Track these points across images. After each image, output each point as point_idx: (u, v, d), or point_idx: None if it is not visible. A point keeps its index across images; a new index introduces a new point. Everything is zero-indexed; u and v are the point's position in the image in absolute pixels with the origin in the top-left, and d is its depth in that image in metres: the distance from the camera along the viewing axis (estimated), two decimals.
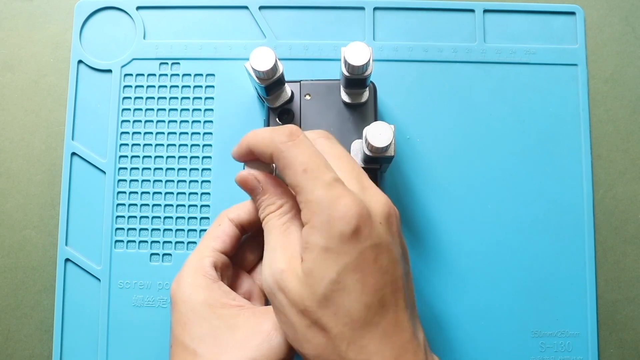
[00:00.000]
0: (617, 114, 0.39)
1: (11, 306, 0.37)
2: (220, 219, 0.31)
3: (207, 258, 0.29)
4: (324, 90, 0.34)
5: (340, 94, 0.33)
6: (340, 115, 0.33)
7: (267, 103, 0.33)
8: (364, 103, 0.33)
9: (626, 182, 0.38)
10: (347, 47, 0.30)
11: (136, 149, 0.38)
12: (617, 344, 0.37)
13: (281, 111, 0.33)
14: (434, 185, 0.37)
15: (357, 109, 0.33)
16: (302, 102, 0.33)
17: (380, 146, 0.29)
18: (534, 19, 0.39)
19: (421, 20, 0.39)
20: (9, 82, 0.39)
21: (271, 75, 0.31)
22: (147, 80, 0.38)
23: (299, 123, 0.33)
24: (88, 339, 0.36)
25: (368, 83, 0.33)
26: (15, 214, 0.38)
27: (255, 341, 0.27)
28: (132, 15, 0.39)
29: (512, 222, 0.37)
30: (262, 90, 0.32)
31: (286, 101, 0.33)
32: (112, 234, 0.37)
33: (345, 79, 0.32)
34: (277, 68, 0.31)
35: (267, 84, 0.31)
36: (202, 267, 0.29)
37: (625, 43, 0.40)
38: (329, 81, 0.34)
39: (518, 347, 0.36)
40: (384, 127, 0.29)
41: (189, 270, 0.29)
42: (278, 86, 0.32)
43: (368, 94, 0.33)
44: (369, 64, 0.30)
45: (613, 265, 0.37)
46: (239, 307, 0.28)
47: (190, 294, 0.28)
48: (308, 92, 0.34)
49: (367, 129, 0.29)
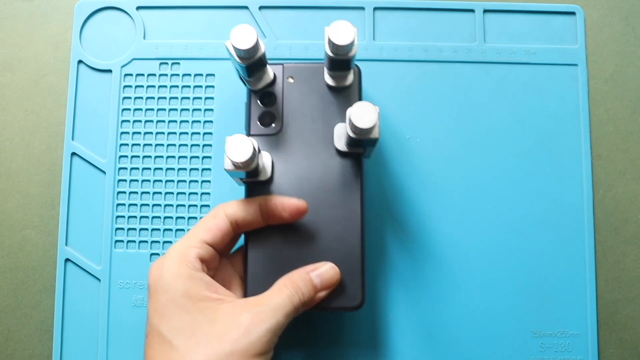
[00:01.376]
0: (617, 114, 0.39)
1: (11, 306, 0.37)
2: (216, 212, 0.30)
3: (193, 249, 0.29)
4: (307, 73, 0.33)
5: (324, 77, 0.32)
6: (323, 99, 0.32)
7: (249, 85, 0.32)
8: (348, 86, 0.32)
9: (626, 182, 0.38)
10: (331, 26, 0.29)
11: (136, 149, 0.38)
12: (617, 344, 0.37)
13: (263, 94, 0.32)
14: (434, 185, 0.37)
15: (341, 93, 0.32)
16: (285, 85, 0.32)
17: (365, 127, 0.28)
18: (534, 19, 0.39)
19: (421, 20, 0.39)
20: (9, 82, 0.39)
21: (252, 54, 0.29)
22: (147, 80, 0.38)
23: (281, 106, 0.32)
24: (88, 339, 0.36)
25: (352, 65, 0.32)
26: (15, 214, 0.38)
27: (233, 334, 0.27)
28: (132, 15, 0.39)
29: (512, 222, 0.37)
30: (243, 70, 0.31)
31: (268, 84, 0.32)
32: (112, 234, 0.37)
33: (330, 61, 0.30)
34: (258, 47, 0.29)
35: (249, 64, 0.30)
36: (187, 256, 0.29)
37: (625, 43, 0.40)
38: (312, 64, 0.33)
39: (518, 347, 0.36)
40: (368, 107, 0.28)
41: (173, 258, 0.29)
42: (260, 67, 0.31)
43: (352, 77, 0.32)
44: (353, 44, 0.29)
45: (613, 265, 0.37)
46: (219, 300, 0.28)
47: (171, 283, 0.28)
48: (291, 74, 0.32)
49: (350, 110, 0.28)
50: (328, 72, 0.32)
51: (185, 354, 0.26)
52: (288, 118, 0.32)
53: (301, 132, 0.32)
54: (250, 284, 0.31)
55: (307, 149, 0.32)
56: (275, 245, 0.31)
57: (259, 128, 0.32)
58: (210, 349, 0.26)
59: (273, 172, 0.31)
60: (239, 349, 0.26)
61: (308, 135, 0.32)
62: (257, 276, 0.31)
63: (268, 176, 0.31)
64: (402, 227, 0.37)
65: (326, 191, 0.31)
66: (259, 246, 0.31)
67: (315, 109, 0.32)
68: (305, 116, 0.32)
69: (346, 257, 0.31)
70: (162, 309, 0.28)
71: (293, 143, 0.32)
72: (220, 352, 0.26)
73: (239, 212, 0.30)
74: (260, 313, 0.27)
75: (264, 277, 0.30)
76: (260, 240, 0.31)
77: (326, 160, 0.32)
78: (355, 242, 0.31)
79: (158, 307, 0.28)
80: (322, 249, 0.31)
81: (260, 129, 0.32)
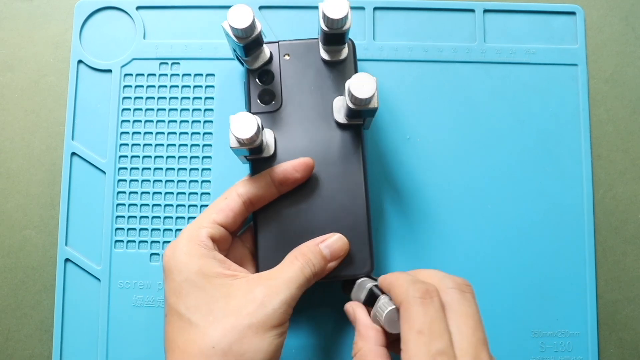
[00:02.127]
0: (617, 114, 0.39)
1: (11, 306, 0.37)
2: (227, 194, 0.31)
3: (204, 229, 0.30)
4: (303, 49, 0.33)
5: (319, 52, 0.33)
6: (320, 74, 0.33)
7: (246, 65, 0.33)
8: (343, 60, 0.33)
9: (626, 182, 0.38)
10: (325, 1, 0.30)
11: (136, 149, 0.38)
12: (617, 344, 0.37)
13: (261, 73, 0.33)
14: (434, 185, 0.37)
15: (337, 66, 0.33)
16: (282, 63, 0.33)
17: (364, 97, 0.29)
18: (534, 19, 0.39)
19: (421, 20, 0.39)
20: (9, 82, 0.39)
21: (249, 34, 0.30)
22: (147, 80, 0.38)
23: (279, 84, 0.33)
24: (88, 339, 0.36)
25: (347, 39, 0.32)
26: (15, 214, 0.38)
27: (249, 308, 0.27)
28: (132, 15, 0.39)
29: (512, 222, 0.37)
30: (240, 50, 0.31)
31: (265, 62, 0.33)
32: (112, 234, 0.37)
33: (324, 35, 0.31)
34: (255, 26, 0.30)
35: (246, 43, 0.30)
36: (198, 236, 0.29)
37: (625, 43, 0.39)
38: (307, 40, 0.34)
39: (518, 347, 0.36)
40: (367, 78, 0.29)
41: (184, 239, 0.29)
42: (256, 46, 0.32)
43: (347, 51, 0.33)
44: (347, 17, 0.30)
45: (613, 265, 0.37)
46: (233, 276, 0.29)
47: (185, 262, 0.28)
48: (287, 52, 0.33)
49: (349, 81, 0.29)
50: (323, 47, 0.33)
51: (205, 330, 0.27)
52: (287, 95, 0.33)
53: (300, 108, 0.33)
54: (261, 260, 0.32)
55: (308, 123, 0.32)
56: (283, 220, 0.32)
57: (259, 106, 0.33)
58: (228, 323, 0.27)
59: (276, 148, 0.32)
60: (256, 321, 0.27)
61: (307, 110, 0.33)
62: (268, 251, 0.31)
63: (271, 152, 0.32)
64: (401, 227, 0.37)
65: (329, 163, 0.32)
66: (267, 222, 0.32)
67: (312, 84, 0.33)
68: (303, 92, 0.33)
69: (353, 226, 0.32)
70: (177, 288, 0.28)
71: (293, 118, 0.33)
72: (238, 325, 0.27)
73: (252, 189, 0.31)
74: (273, 286, 0.28)
75: (275, 252, 0.31)
76: (269, 216, 0.32)
77: (327, 133, 0.32)
78: (361, 211, 0.32)
79: (174, 287, 0.28)
80: (329, 220, 0.32)
81: (261, 107, 0.33)
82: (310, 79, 0.33)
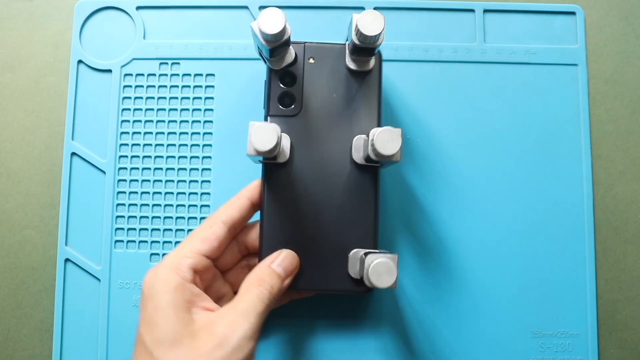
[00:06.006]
0: (617, 114, 0.39)
1: (11, 306, 0.37)
2: (212, 221, 0.31)
3: (187, 259, 0.29)
4: (328, 54, 0.32)
5: (345, 60, 0.32)
6: (343, 82, 0.32)
7: (270, 64, 0.32)
8: (368, 71, 0.32)
9: (626, 182, 0.38)
10: (361, 14, 0.29)
11: (136, 149, 0.38)
12: (617, 344, 0.37)
13: (283, 74, 0.32)
14: (434, 184, 0.37)
15: (362, 77, 0.32)
16: (306, 66, 0.32)
17: (388, 154, 0.28)
18: (534, 19, 0.39)
19: (421, 20, 0.39)
20: (9, 82, 0.39)
21: (279, 38, 0.29)
22: (147, 80, 0.38)
23: (301, 87, 0.32)
24: (88, 339, 0.36)
25: (377, 51, 0.32)
26: (15, 214, 0.38)
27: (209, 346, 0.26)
28: (132, 15, 0.39)
29: (512, 222, 0.37)
30: (266, 51, 0.30)
31: (289, 63, 0.32)
32: (112, 234, 0.37)
33: (354, 47, 0.30)
34: (285, 30, 0.29)
35: (273, 47, 0.30)
36: (179, 266, 0.29)
37: (625, 43, 0.39)
38: (334, 45, 0.32)
39: (518, 347, 0.36)
40: (393, 133, 0.28)
41: (165, 267, 0.29)
42: (283, 48, 0.31)
43: (374, 62, 0.32)
44: (381, 34, 0.29)
45: (613, 265, 0.37)
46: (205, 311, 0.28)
47: (160, 292, 0.28)
48: (312, 55, 0.32)
49: (375, 134, 0.28)
50: (350, 55, 0.32)
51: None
52: (308, 100, 0.32)
53: (320, 115, 0.32)
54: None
55: (326, 132, 0.32)
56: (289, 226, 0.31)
57: (279, 108, 0.32)
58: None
59: (292, 154, 0.31)
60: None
61: (327, 119, 0.32)
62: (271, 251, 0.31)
63: (286, 158, 0.31)
64: (400, 228, 0.37)
65: (342, 175, 0.32)
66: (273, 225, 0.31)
67: (334, 92, 0.32)
68: (324, 99, 0.32)
69: (361, 241, 0.31)
70: (148, 317, 0.28)
71: (311, 126, 0.32)
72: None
73: (234, 213, 0.31)
74: (232, 322, 0.27)
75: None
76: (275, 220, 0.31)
77: (344, 145, 0.32)
78: (369, 229, 0.31)
79: (145, 316, 0.28)
80: (336, 232, 0.31)
81: (280, 110, 0.32)
82: (333, 87, 0.32)
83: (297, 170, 0.31)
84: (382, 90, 0.32)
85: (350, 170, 0.32)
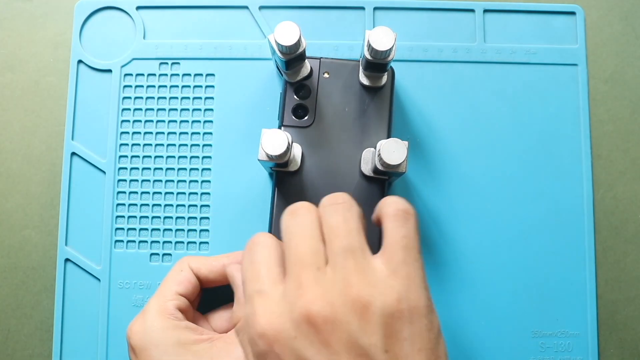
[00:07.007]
0: (617, 114, 0.39)
1: (11, 306, 0.37)
2: (181, 266, 0.32)
3: (170, 301, 0.30)
4: (342, 69, 0.34)
5: (358, 75, 0.34)
6: (356, 97, 0.33)
7: (286, 77, 0.33)
8: (381, 87, 0.34)
9: (626, 182, 0.38)
10: (372, 30, 0.30)
11: (136, 149, 0.38)
12: (617, 344, 0.37)
13: (298, 86, 0.34)
14: (433, 185, 0.37)
15: (374, 92, 0.34)
16: (320, 80, 0.34)
17: (393, 164, 0.30)
18: (534, 19, 0.39)
19: (421, 20, 0.39)
20: (9, 82, 0.39)
21: (294, 50, 0.31)
22: (147, 80, 0.38)
23: (315, 100, 0.33)
24: (88, 339, 0.36)
25: (388, 67, 0.33)
26: (15, 214, 0.38)
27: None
28: (132, 15, 0.39)
29: (511, 222, 0.37)
30: (282, 64, 0.32)
31: (304, 77, 0.34)
32: (112, 234, 0.37)
33: (366, 62, 0.32)
34: (300, 43, 0.31)
35: (289, 59, 0.31)
36: (167, 309, 0.30)
37: (625, 43, 0.39)
38: (349, 61, 0.34)
39: (518, 347, 0.36)
40: (399, 144, 0.30)
41: (153, 314, 0.30)
42: (299, 61, 0.33)
43: (386, 78, 0.34)
44: (392, 49, 0.31)
45: (613, 265, 0.37)
46: (209, 340, 0.29)
47: (161, 337, 0.28)
48: (327, 70, 0.34)
49: (381, 144, 0.30)
50: (363, 71, 0.33)
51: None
52: (321, 112, 0.33)
53: (332, 128, 0.33)
54: None
55: (337, 144, 0.33)
56: None
57: (292, 119, 0.33)
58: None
59: (302, 163, 0.33)
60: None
61: (338, 131, 0.33)
62: None
63: (297, 167, 0.32)
64: None
65: (350, 186, 0.33)
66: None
67: (347, 106, 0.33)
68: (337, 112, 0.33)
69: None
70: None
71: (323, 137, 0.33)
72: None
73: (202, 268, 0.32)
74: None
75: None
76: None
77: (353, 157, 0.33)
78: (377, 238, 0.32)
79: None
80: None
81: (293, 121, 0.33)
82: (346, 101, 0.33)
83: (308, 179, 0.32)
84: (393, 106, 0.34)
85: (359, 181, 0.33)
